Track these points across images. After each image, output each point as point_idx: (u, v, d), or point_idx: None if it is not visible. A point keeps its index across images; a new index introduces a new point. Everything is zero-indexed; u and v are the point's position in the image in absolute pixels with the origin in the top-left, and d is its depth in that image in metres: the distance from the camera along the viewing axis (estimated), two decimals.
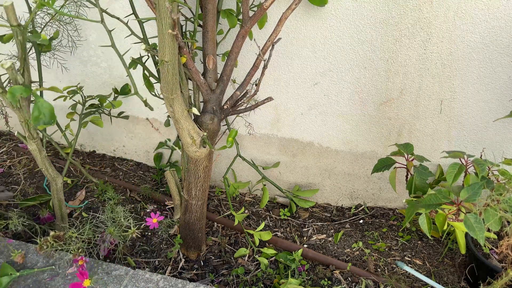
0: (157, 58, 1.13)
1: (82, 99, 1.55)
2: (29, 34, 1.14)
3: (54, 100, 1.51)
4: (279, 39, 1.21)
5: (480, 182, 1.12)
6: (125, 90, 1.76)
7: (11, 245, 1.42)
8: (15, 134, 1.39)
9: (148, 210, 1.79)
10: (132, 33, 1.26)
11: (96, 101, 1.68)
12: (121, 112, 1.84)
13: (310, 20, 1.43)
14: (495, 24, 1.30)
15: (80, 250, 1.33)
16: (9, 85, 1.30)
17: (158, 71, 1.23)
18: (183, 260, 1.58)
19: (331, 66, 1.51)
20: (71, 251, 1.33)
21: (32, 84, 1.22)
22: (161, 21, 0.96)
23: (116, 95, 1.74)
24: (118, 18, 1.24)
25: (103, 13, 1.29)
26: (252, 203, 1.89)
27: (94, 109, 1.61)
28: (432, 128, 1.56)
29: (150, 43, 1.29)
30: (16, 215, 1.50)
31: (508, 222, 1.10)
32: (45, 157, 1.37)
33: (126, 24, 1.25)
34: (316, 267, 1.55)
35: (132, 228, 1.37)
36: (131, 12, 1.32)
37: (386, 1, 1.34)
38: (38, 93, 1.26)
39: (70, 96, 1.48)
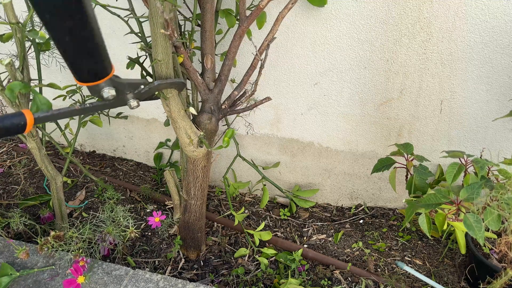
0: None
1: (82, 99, 1.55)
2: (27, 31, 1.14)
3: (54, 99, 1.51)
4: (274, 38, 1.21)
5: (480, 181, 1.12)
6: None
7: (12, 244, 1.43)
8: None
9: (148, 210, 1.79)
10: (132, 31, 1.26)
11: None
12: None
13: (310, 20, 1.43)
14: (495, 24, 1.29)
15: (81, 251, 1.33)
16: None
17: (153, 68, 1.23)
18: (183, 260, 1.57)
19: (331, 66, 1.51)
20: (72, 251, 1.33)
21: (31, 82, 1.22)
22: (153, 20, 0.96)
23: None
24: (118, 16, 1.24)
25: (102, 13, 1.30)
26: (252, 203, 1.89)
27: None
28: (432, 128, 1.56)
29: (148, 42, 1.29)
30: (17, 214, 1.50)
31: (506, 220, 1.09)
32: (44, 155, 1.37)
33: (126, 22, 1.25)
34: (316, 267, 1.55)
35: (130, 227, 1.37)
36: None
37: (386, 1, 1.33)
38: (37, 89, 1.26)
39: (70, 95, 1.48)
